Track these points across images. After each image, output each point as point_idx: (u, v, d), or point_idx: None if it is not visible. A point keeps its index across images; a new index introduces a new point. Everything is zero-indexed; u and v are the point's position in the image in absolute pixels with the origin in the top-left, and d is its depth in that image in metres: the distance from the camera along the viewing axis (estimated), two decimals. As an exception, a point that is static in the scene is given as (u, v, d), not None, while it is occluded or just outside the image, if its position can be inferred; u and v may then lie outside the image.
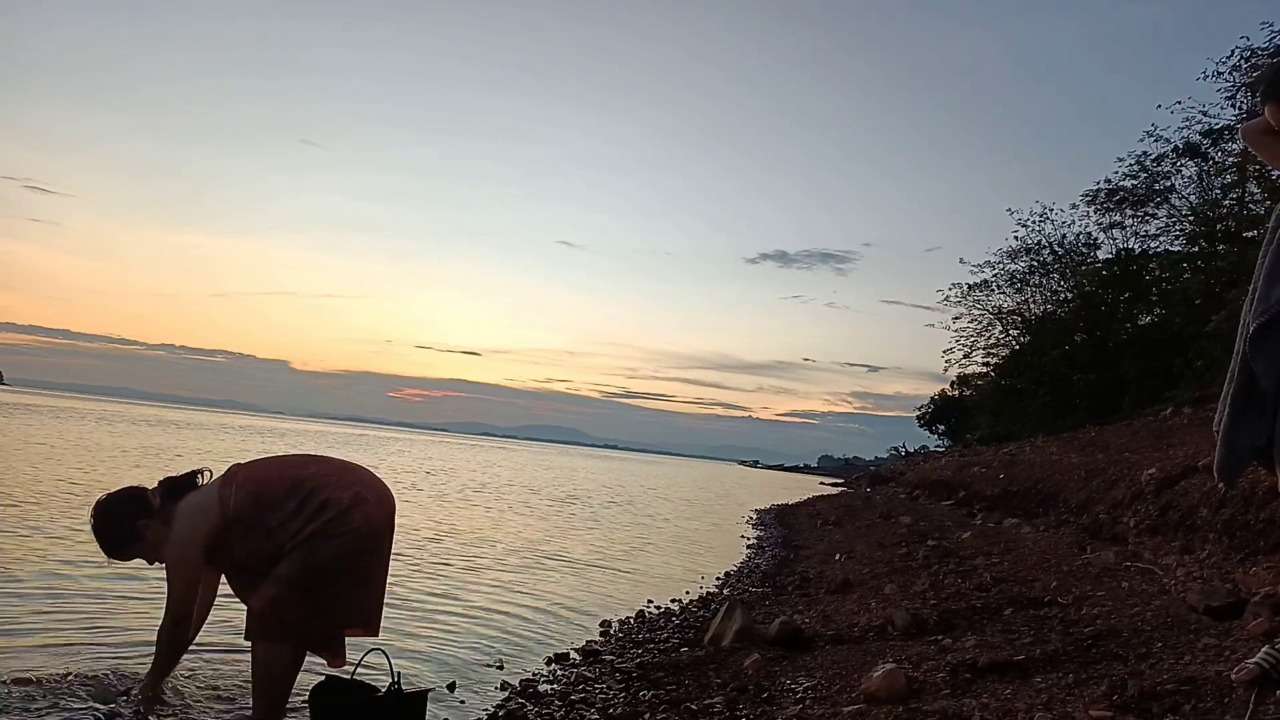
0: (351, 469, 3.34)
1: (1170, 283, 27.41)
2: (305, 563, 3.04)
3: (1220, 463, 2.67)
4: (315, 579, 3.05)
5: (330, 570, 3.07)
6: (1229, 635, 3.39)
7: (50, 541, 6.50)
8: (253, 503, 3.12)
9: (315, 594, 3.05)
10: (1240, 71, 21.94)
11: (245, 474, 3.22)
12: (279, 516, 3.09)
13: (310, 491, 3.12)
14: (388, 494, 3.33)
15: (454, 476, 22.22)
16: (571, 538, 11.08)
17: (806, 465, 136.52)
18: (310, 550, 3.05)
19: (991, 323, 36.99)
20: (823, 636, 4.80)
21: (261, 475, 3.22)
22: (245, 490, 3.14)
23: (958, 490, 15.26)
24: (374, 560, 3.22)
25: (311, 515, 3.08)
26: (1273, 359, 2.53)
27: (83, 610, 4.66)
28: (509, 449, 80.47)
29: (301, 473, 3.22)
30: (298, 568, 3.04)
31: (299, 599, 3.03)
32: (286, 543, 3.07)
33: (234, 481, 3.18)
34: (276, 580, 3.04)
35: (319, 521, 3.07)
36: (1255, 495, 5.12)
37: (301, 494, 3.12)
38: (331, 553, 3.06)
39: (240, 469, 3.26)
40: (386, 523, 3.26)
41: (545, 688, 4.13)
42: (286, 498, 3.12)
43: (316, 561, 3.05)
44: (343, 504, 3.11)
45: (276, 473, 3.23)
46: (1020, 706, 2.83)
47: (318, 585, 3.05)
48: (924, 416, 54.45)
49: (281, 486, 3.15)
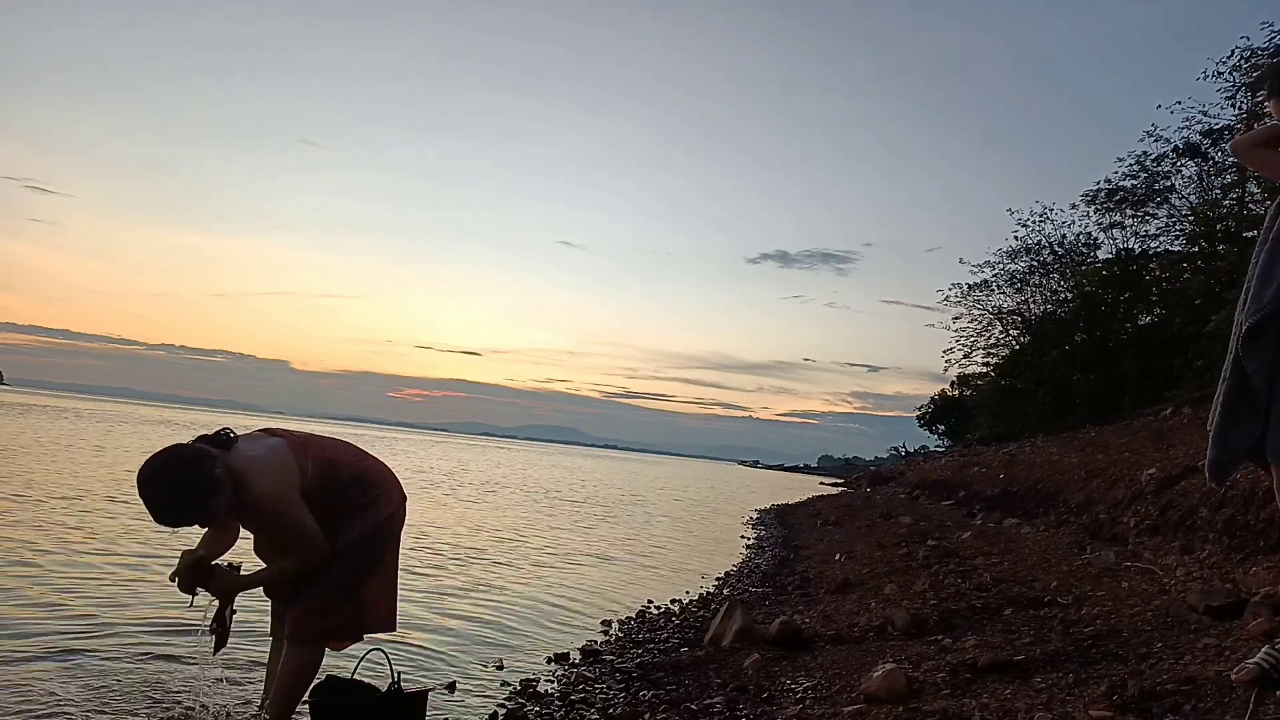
0: (388, 470, 3.30)
1: (1170, 283, 27.39)
2: (355, 567, 3.00)
3: (1212, 462, 2.68)
4: (358, 583, 3.01)
5: (372, 573, 3.05)
6: (1229, 635, 3.39)
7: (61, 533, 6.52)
8: (324, 480, 2.98)
9: (357, 597, 3.01)
10: (1240, 71, 21.92)
11: (319, 447, 3.06)
12: (339, 501, 3.01)
13: (370, 484, 3.08)
14: (403, 493, 3.34)
15: (469, 476, 22.22)
16: (572, 538, 11.08)
17: (806, 465, 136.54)
18: (362, 553, 3.01)
19: (991, 323, 37.01)
20: (823, 636, 4.80)
21: (336, 455, 3.08)
22: (320, 463, 2.99)
23: (958, 490, 15.27)
24: (394, 560, 3.22)
25: (365, 508, 3.03)
26: (1264, 359, 2.53)
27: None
28: (510, 449, 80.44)
29: (365, 463, 3.17)
30: (348, 571, 2.98)
31: (344, 605, 2.99)
32: (338, 536, 2.97)
33: (308, 452, 2.98)
34: (327, 584, 2.95)
35: (370, 523, 3.03)
36: (1255, 495, 5.12)
37: (363, 484, 3.06)
38: (376, 557, 3.05)
39: (313, 440, 3.09)
40: (402, 523, 3.28)
41: (545, 688, 4.14)
42: (351, 485, 3.04)
43: (364, 565, 3.02)
44: (391, 508, 3.12)
45: (348, 457, 3.14)
46: (1020, 706, 2.83)
47: (359, 587, 3.02)
48: (924, 416, 54.44)
49: (350, 472, 3.07)
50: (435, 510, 12.63)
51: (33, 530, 6.95)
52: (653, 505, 19.82)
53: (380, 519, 3.07)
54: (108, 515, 8.24)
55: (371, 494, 3.07)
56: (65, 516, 7.85)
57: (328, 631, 3.01)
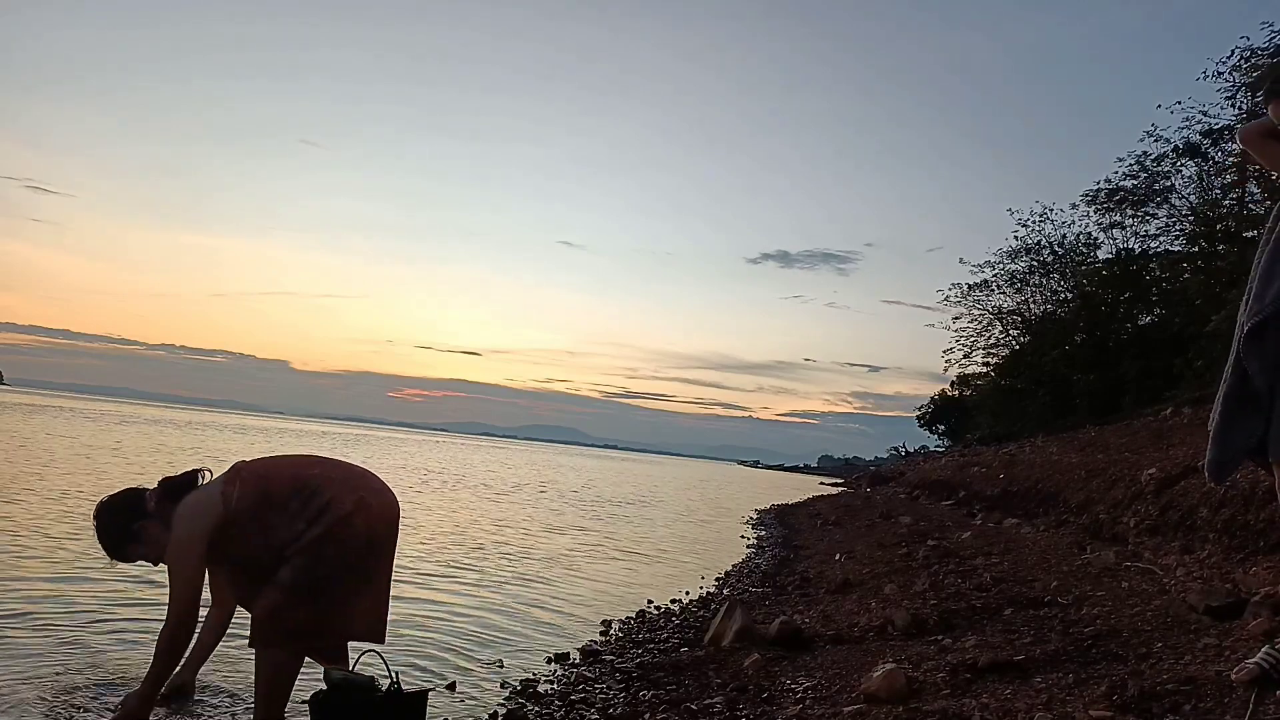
0: (356, 473, 3.27)
1: (1170, 283, 27.41)
2: (308, 568, 2.99)
3: (1212, 461, 2.68)
4: (317, 585, 2.99)
5: (332, 576, 3.01)
6: (1229, 635, 3.39)
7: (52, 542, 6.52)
8: (257, 500, 3.05)
9: (317, 600, 3.00)
10: (1240, 71, 21.92)
11: (250, 471, 3.15)
12: (282, 516, 3.03)
13: (314, 492, 3.06)
14: (392, 500, 3.26)
15: (468, 476, 22.22)
16: (572, 538, 11.08)
17: (806, 465, 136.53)
18: (313, 555, 2.99)
19: (991, 323, 37.03)
20: (823, 636, 4.80)
21: (267, 473, 3.15)
22: (250, 487, 3.08)
23: (958, 490, 15.27)
24: (377, 566, 3.16)
25: (313, 517, 3.02)
26: (1266, 359, 2.53)
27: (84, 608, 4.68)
28: (510, 449, 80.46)
29: (306, 473, 3.16)
30: (300, 573, 2.98)
31: (301, 605, 2.98)
32: (288, 544, 3.01)
33: (238, 478, 3.11)
34: (278, 586, 2.99)
35: (322, 525, 3.01)
36: (1255, 495, 5.12)
37: (304, 494, 3.06)
38: (334, 558, 3.01)
39: (245, 466, 3.19)
40: (389, 529, 3.19)
41: (545, 688, 4.14)
42: (290, 497, 3.05)
43: (319, 567, 2.99)
44: (345, 508, 3.05)
45: (282, 471, 3.17)
46: (1020, 706, 2.83)
47: (319, 591, 2.99)
48: (924, 416, 54.46)
49: (286, 485, 3.09)
50: (434, 510, 12.63)
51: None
52: (653, 505, 19.82)
53: (332, 520, 3.02)
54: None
55: (316, 500, 3.05)
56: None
57: (285, 634, 3.00)
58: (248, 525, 3.05)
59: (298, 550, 3.01)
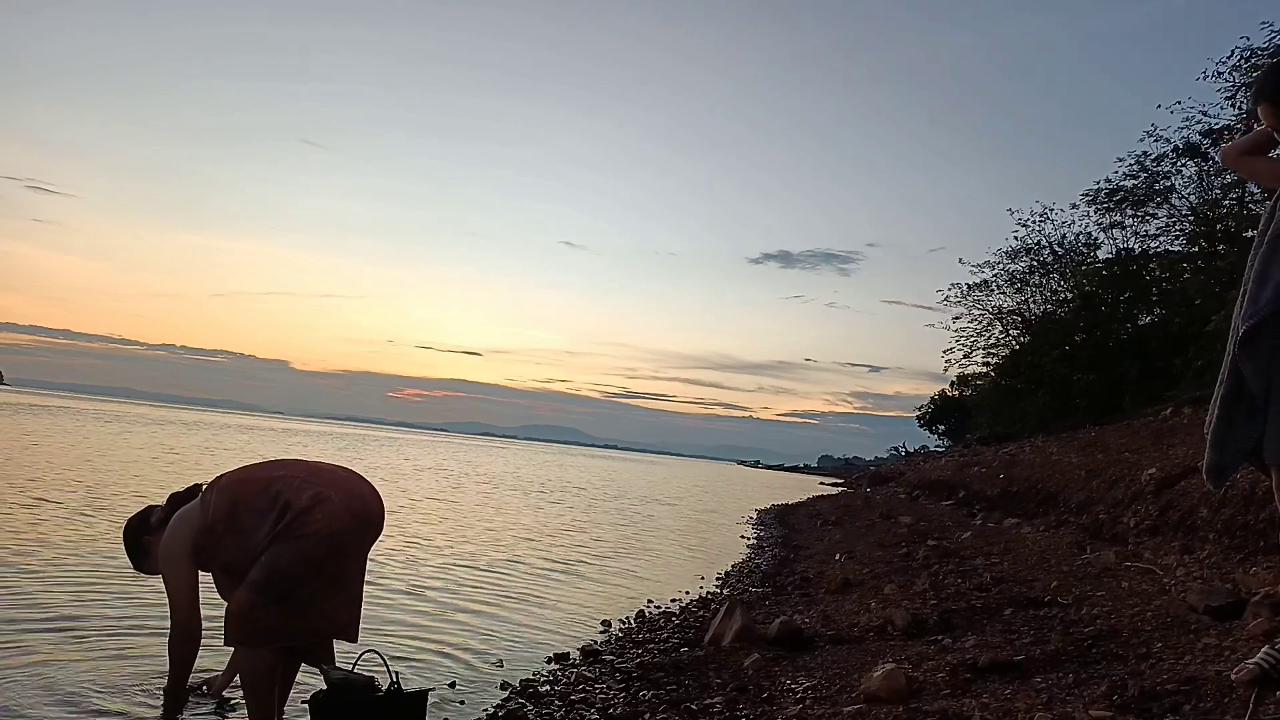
0: (319, 470, 3.30)
1: (1170, 283, 27.38)
2: (270, 566, 3.04)
3: (1210, 465, 2.68)
4: (280, 582, 3.03)
5: (295, 573, 3.04)
6: (1229, 635, 3.39)
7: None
8: (230, 507, 3.16)
9: (283, 598, 3.03)
10: (1240, 71, 21.93)
11: (228, 479, 3.27)
12: (253, 519, 3.12)
13: (276, 494, 3.14)
14: (360, 493, 3.24)
15: (468, 476, 22.21)
16: (572, 538, 11.08)
17: (806, 465, 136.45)
18: (274, 554, 3.05)
19: (991, 323, 36.98)
20: (823, 636, 4.80)
21: (239, 480, 3.26)
22: (224, 495, 3.20)
23: (958, 490, 15.26)
24: (345, 562, 3.17)
25: (275, 518, 3.08)
26: (1261, 362, 2.53)
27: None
28: (510, 449, 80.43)
29: (272, 474, 3.24)
30: (263, 571, 3.04)
31: (266, 603, 3.02)
32: (259, 546, 3.08)
33: (215, 487, 3.25)
34: (246, 585, 3.06)
35: (281, 524, 3.07)
36: (1255, 495, 5.12)
37: (270, 495, 3.14)
38: (294, 555, 3.04)
39: (225, 475, 3.32)
40: (357, 524, 3.17)
41: (545, 688, 4.14)
42: (258, 501, 3.14)
43: (280, 565, 3.03)
44: (300, 504, 3.08)
45: (254, 476, 3.27)
46: (1020, 706, 2.83)
47: (284, 589, 3.03)
48: (924, 416, 54.43)
49: (255, 489, 3.18)
50: (433, 510, 12.63)
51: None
52: (653, 505, 19.82)
53: (291, 517, 3.06)
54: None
55: (279, 500, 3.10)
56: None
57: (256, 633, 3.05)
58: (225, 531, 3.16)
59: (265, 550, 3.08)
